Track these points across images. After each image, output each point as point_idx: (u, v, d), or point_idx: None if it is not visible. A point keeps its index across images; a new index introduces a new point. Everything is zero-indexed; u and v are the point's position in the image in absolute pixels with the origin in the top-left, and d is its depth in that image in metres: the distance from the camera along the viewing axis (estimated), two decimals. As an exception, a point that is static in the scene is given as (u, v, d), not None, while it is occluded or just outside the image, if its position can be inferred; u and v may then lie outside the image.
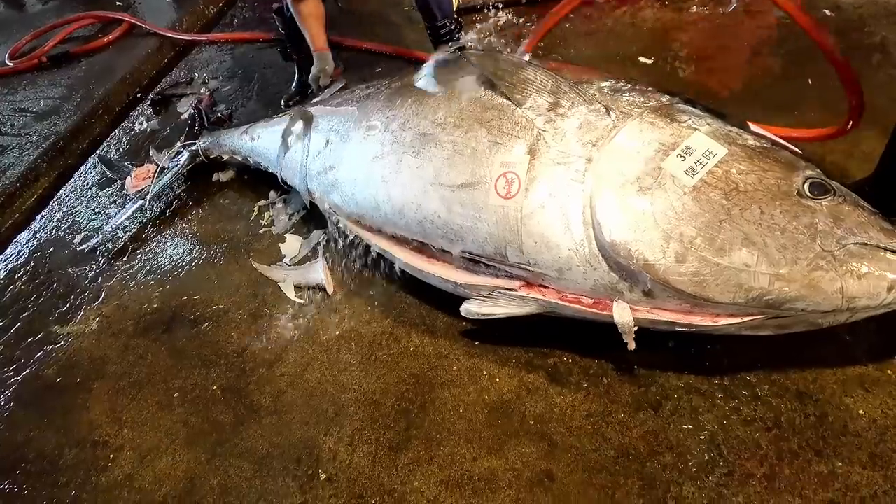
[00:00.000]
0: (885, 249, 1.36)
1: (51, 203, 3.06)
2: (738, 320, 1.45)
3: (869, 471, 1.42)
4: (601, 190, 1.51)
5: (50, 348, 2.29)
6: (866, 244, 1.36)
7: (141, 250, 2.61)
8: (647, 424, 1.61)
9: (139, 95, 3.73)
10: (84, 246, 2.69)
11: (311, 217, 2.42)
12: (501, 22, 3.36)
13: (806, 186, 1.42)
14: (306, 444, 1.78)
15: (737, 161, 1.47)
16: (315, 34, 2.68)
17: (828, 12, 2.70)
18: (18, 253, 2.78)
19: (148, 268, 2.51)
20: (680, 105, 1.62)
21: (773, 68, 2.59)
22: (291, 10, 2.65)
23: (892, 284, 1.34)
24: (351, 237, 2.14)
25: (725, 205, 1.42)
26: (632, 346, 1.58)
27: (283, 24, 2.98)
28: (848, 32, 2.60)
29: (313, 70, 2.67)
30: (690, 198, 1.44)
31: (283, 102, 3.17)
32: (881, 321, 1.61)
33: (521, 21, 3.33)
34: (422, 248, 1.91)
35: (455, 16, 2.67)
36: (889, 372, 1.56)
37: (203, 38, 4.05)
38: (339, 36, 3.46)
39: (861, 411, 1.51)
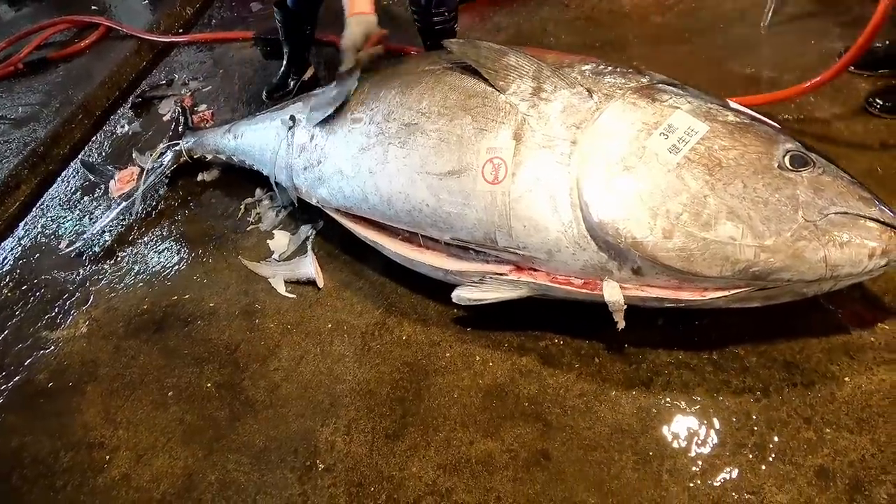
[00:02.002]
0: (865, 217, 1.39)
1: (34, 209, 3.03)
2: (726, 293, 1.48)
3: (856, 435, 1.46)
4: (587, 171, 1.53)
5: (40, 353, 2.28)
6: (847, 213, 1.39)
7: (128, 252, 2.60)
8: (640, 401, 1.64)
9: (119, 99, 3.70)
10: (70, 250, 2.67)
11: (299, 212, 2.43)
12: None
13: (786, 159, 1.45)
14: (303, 435, 1.79)
15: (718, 137, 1.49)
16: None
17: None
18: (3, 260, 2.76)
19: (136, 269, 2.50)
20: (661, 85, 1.64)
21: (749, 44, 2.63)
22: None
23: (872, 252, 1.37)
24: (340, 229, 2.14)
25: (709, 180, 1.44)
26: (622, 324, 1.61)
27: (282, 18, 2.97)
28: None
29: (346, 34, 2.07)
30: (675, 175, 1.46)
31: (265, 95, 3.16)
32: (863, 290, 1.67)
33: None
34: (411, 238, 1.93)
35: (455, 5, 2.60)
36: (872, 339, 1.60)
37: (181, 39, 4.03)
38: (320, 32, 3.46)
39: (847, 378, 1.54)
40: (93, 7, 4.54)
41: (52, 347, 2.28)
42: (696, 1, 2.93)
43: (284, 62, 3.16)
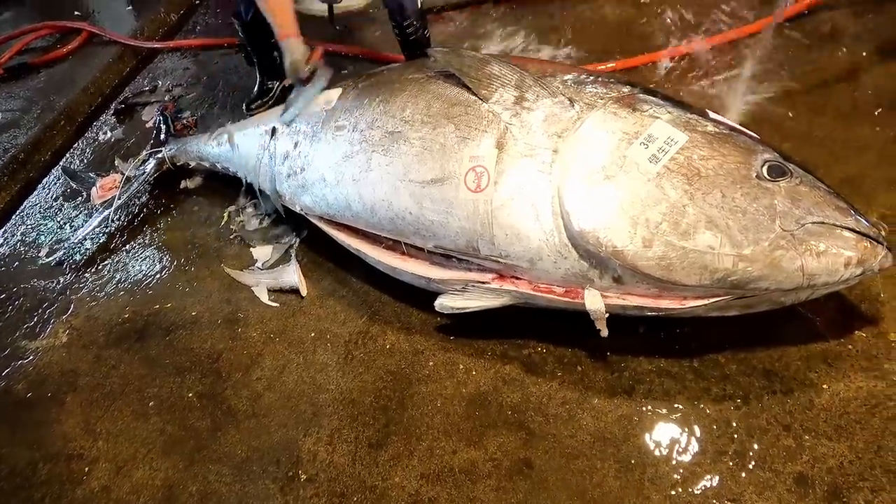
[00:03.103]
0: (841, 227, 1.41)
1: (13, 217, 2.99)
2: (705, 301, 1.49)
3: (834, 442, 1.47)
4: (568, 180, 1.54)
5: (19, 363, 2.25)
6: (823, 223, 1.41)
7: (110, 261, 2.57)
8: (622, 409, 1.64)
9: (102, 105, 3.67)
10: (50, 259, 2.64)
11: (282, 220, 2.42)
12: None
13: (764, 169, 1.47)
14: (285, 445, 1.77)
15: (697, 147, 1.51)
16: (279, 20, 2.30)
17: None
18: (-19, 269, 2.72)
19: (118, 278, 2.48)
20: (641, 95, 1.66)
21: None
22: None
23: (848, 261, 1.39)
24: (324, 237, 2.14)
25: (688, 190, 1.45)
26: (604, 332, 1.62)
27: (241, 29, 2.97)
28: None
29: (287, 62, 2.28)
30: (654, 184, 1.47)
31: (244, 107, 3.15)
32: (840, 299, 1.69)
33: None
34: (394, 246, 1.93)
35: (421, 14, 2.67)
36: (850, 346, 1.62)
37: (165, 45, 4.01)
38: (307, 39, 3.46)
39: (825, 385, 1.56)
40: (76, 12, 4.51)
41: (31, 357, 2.25)
42: (678, 11, 2.96)
43: (257, 73, 3.16)
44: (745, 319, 1.59)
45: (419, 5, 2.63)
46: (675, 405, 1.62)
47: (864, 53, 2.40)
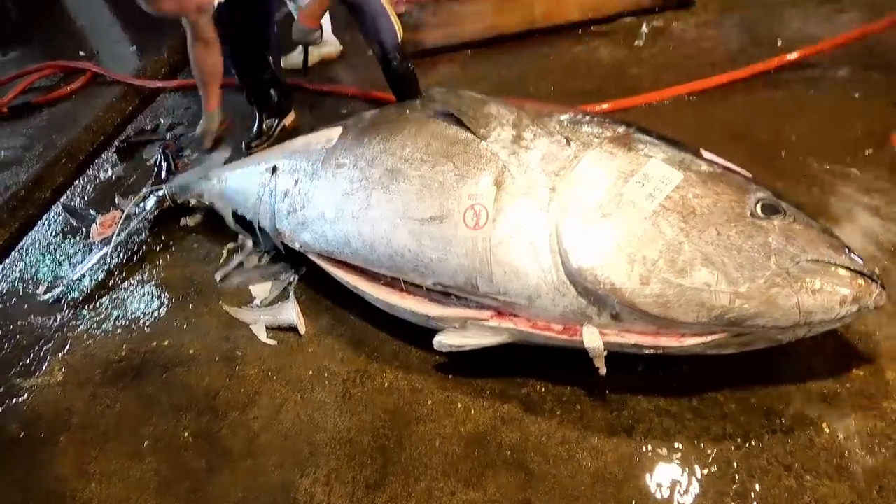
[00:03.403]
0: (836, 265, 1.42)
1: (12, 254, 3.01)
2: (703, 339, 1.50)
3: (836, 482, 1.46)
4: (566, 217, 1.55)
5: (13, 402, 2.23)
6: (818, 260, 1.42)
7: (107, 298, 2.57)
8: (621, 448, 1.63)
9: (104, 143, 3.71)
10: (48, 295, 2.64)
11: (281, 258, 2.43)
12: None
13: (758, 207, 1.49)
14: (282, 486, 1.75)
15: (692, 186, 1.53)
16: (209, 91, 2.80)
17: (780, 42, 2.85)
18: (-22, 306, 2.72)
19: (115, 315, 2.48)
20: (636, 134, 1.69)
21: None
22: (192, 59, 2.71)
23: (843, 298, 1.39)
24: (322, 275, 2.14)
25: (684, 227, 1.47)
26: (603, 370, 1.62)
27: (235, 70, 3.06)
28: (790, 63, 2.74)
29: (199, 128, 2.84)
30: (651, 222, 1.49)
31: (244, 146, 3.20)
32: (837, 337, 1.69)
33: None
34: (393, 283, 1.93)
35: (401, 49, 2.73)
36: (848, 385, 1.61)
37: (167, 84, 4.08)
38: (306, 80, 3.53)
39: (824, 425, 1.55)
40: (80, 52, 4.60)
41: (26, 395, 2.24)
42: (669, 54, 3.03)
43: (256, 112, 3.22)
44: (743, 358, 1.59)
45: (399, 40, 2.69)
46: (675, 445, 1.61)
47: (857, 95, 2.45)
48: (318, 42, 2.69)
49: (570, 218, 1.56)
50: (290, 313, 2.19)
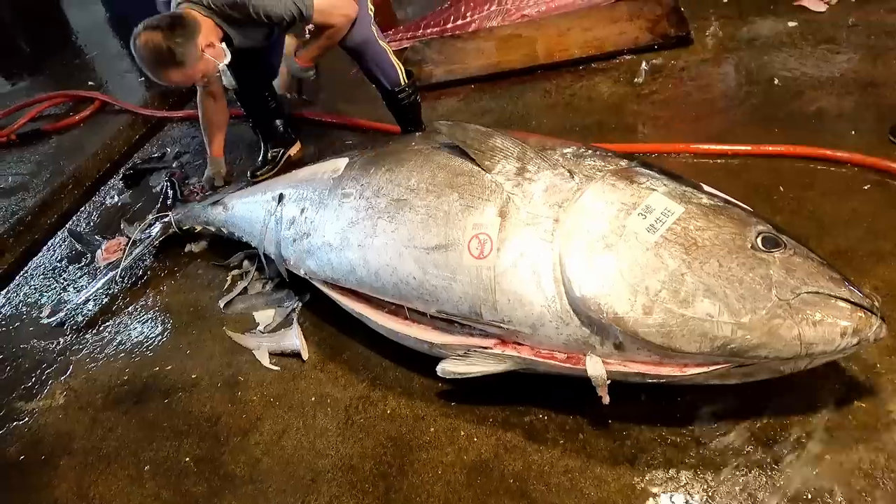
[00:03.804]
0: (836, 297, 1.44)
1: (17, 278, 3.02)
2: (705, 369, 1.51)
3: (839, 514, 1.46)
4: (569, 248, 1.58)
5: (13, 425, 2.23)
6: (818, 293, 1.45)
7: (111, 322, 2.59)
8: (624, 478, 1.63)
9: (111, 170, 3.76)
10: (51, 320, 2.65)
11: (285, 284, 2.45)
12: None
13: (759, 240, 1.52)
14: (283, 513, 1.75)
15: (693, 218, 1.57)
16: (214, 139, 2.95)
17: (777, 81, 2.92)
18: (-18, 329, 2.73)
19: (118, 340, 2.49)
20: (638, 168, 1.73)
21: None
22: (199, 110, 2.89)
23: (844, 330, 1.42)
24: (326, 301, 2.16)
25: (686, 259, 1.50)
26: (606, 399, 1.63)
27: (240, 101, 3.15)
28: (787, 102, 2.81)
29: (207, 173, 2.98)
30: (653, 253, 1.52)
31: (249, 175, 3.24)
32: (838, 369, 1.71)
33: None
34: (397, 311, 1.95)
35: (403, 84, 2.81)
36: (850, 417, 1.62)
37: (174, 114, 4.14)
38: (311, 111, 3.60)
39: (827, 457, 1.56)
40: (89, 83, 4.67)
41: (27, 418, 2.24)
42: (669, 91, 3.10)
43: (261, 141, 3.28)
44: (745, 388, 1.61)
45: (400, 77, 2.78)
46: (678, 475, 1.61)
47: (853, 132, 2.51)
48: (312, 78, 2.77)
49: (574, 248, 1.59)
50: (294, 339, 2.21)
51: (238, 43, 2.44)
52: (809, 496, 1.50)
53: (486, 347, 1.75)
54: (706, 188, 1.72)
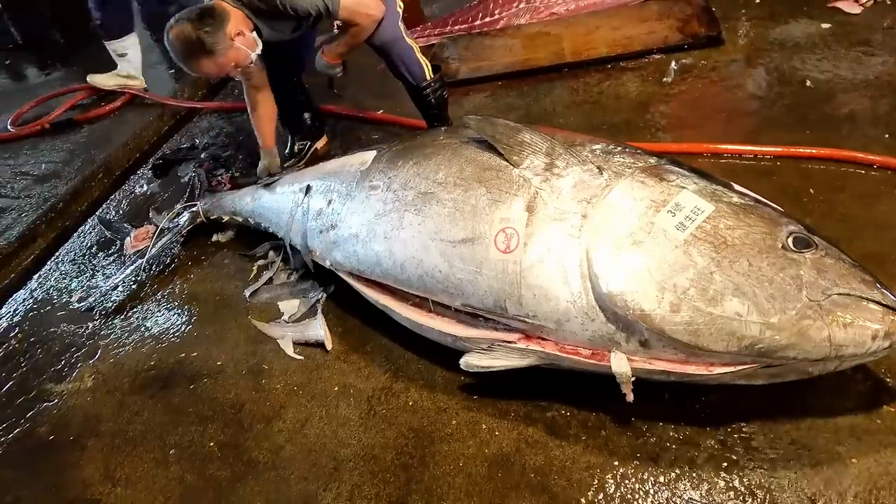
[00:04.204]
0: (868, 300, 1.43)
1: (48, 263, 3.09)
2: (732, 369, 1.50)
3: (865, 519, 1.44)
4: (597, 244, 1.58)
5: (43, 406, 2.28)
6: (849, 294, 1.43)
7: (139, 308, 2.63)
8: (647, 476, 1.62)
9: (140, 160, 3.82)
10: (81, 305, 2.70)
11: (310, 275, 2.47)
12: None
13: (790, 240, 1.51)
14: (305, 499, 1.76)
15: (723, 217, 1.55)
16: (263, 131, 2.91)
17: (809, 83, 2.88)
18: (14, 312, 2.79)
19: (146, 326, 2.53)
20: (668, 166, 1.72)
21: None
22: (246, 102, 2.88)
23: (875, 333, 1.40)
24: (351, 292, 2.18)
25: (715, 257, 1.49)
26: (630, 396, 1.62)
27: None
28: (819, 104, 2.77)
29: (261, 164, 2.92)
30: (682, 251, 1.51)
31: None
32: (867, 372, 1.69)
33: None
34: (421, 304, 1.96)
35: (429, 79, 2.82)
36: (878, 421, 1.60)
37: (204, 105, 4.20)
38: (338, 106, 3.62)
39: (854, 460, 1.54)
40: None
41: (56, 400, 2.28)
42: (698, 91, 3.07)
43: (288, 134, 3.31)
44: (771, 389, 1.59)
45: (426, 74, 2.78)
46: (700, 475, 1.60)
47: (886, 136, 2.47)
48: (339, 75, 2.78)
49: (601, 244, 1.59)
50: (318, 329, 2.23)
51: (266, 36, 2.46)
52: (834, 500, 1.48)
53: (510, 342, 1.75)
54: (737, 187, 1.71)
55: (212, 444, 1.99)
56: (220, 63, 2.31)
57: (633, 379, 1.60)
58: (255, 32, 2.42)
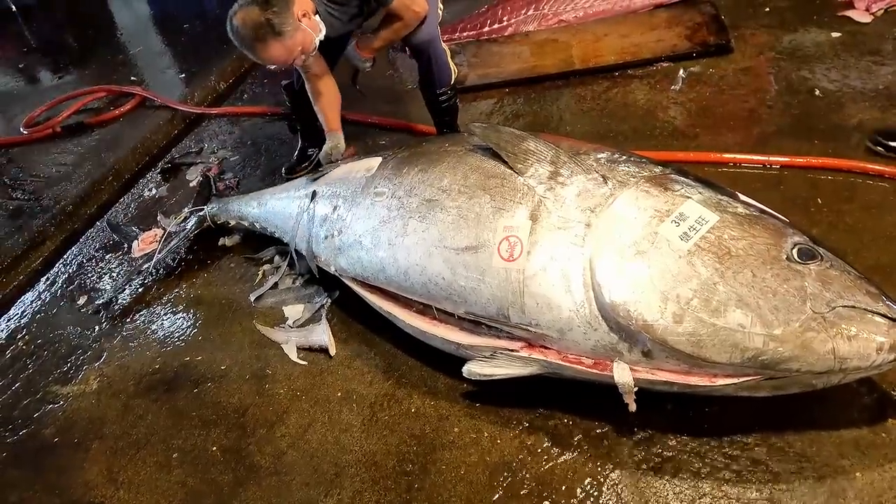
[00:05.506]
0: (873, 312, 1.41)
1: (56, 265, 3.11)
2: (735, 381, 1.49)
3: (869, 534, 1.43)
4: (600, 253, 1.58)
5: (48, 408, 2.29)
6: (854, 307, 1.42)
7: (145, 312, 2.64)
8: (649, 487, 1.62)
9: (149, 164, 3.84)
10: (88, 307, 2.72)
11: (315, 280, 2.47)
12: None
13: (794, 252, 1.50)
14: (306, 505, 1.77)
15: (728, 227, 1.55)
16: (329, 116, 2.79)
17: (818, 92, 2.87)
18: (22, 314, 2.81)
19: (151, 329, 2.54)
20: (673, 175, 1.72)
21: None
22: (309, 93, 2.78)
23: (880, 346, 1.39)
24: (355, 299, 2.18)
25: (719, 268, 1.48)
26: (633, 406, 1.62)
27: (290, 98, 3.13)
28: (828, 114, 2.76)
29: (325, 147, 2.78)
30: (686, 261, 1.51)
31: (284, 172, 3.27)
32: (872, 385, 1.67)
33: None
34: (425, 311, 1.96)
35: (452, 85, 2.81)
36: (883, 435, 1.59)
37: (213, 110, 4.22)
38: (344, 110, 3.62)
39: (858, 473, 1.53)
40: (131, 77, 4.79)
41: (62, 402, 2.30)
42: (707, 99, 3.06)
43: (300, 140, 3.31)
44: (775, 401, 1.59)
45: (452, 80, 2.77)
46: (703, 486, 1.59)
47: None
48: (368, 70, 2.77)
49: (605, 253, 1.59)
50: (322, 335, 2.23)
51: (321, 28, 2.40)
52: (839, 514, 1.47)
53: (512, 350, 1.75)
54: (742, 197, 1.70)
55: (214, 448, 1.99)
56: (289, 46, 2.23)
57: (635, 389, 1.59)
58: (317, 16, 2.35)
